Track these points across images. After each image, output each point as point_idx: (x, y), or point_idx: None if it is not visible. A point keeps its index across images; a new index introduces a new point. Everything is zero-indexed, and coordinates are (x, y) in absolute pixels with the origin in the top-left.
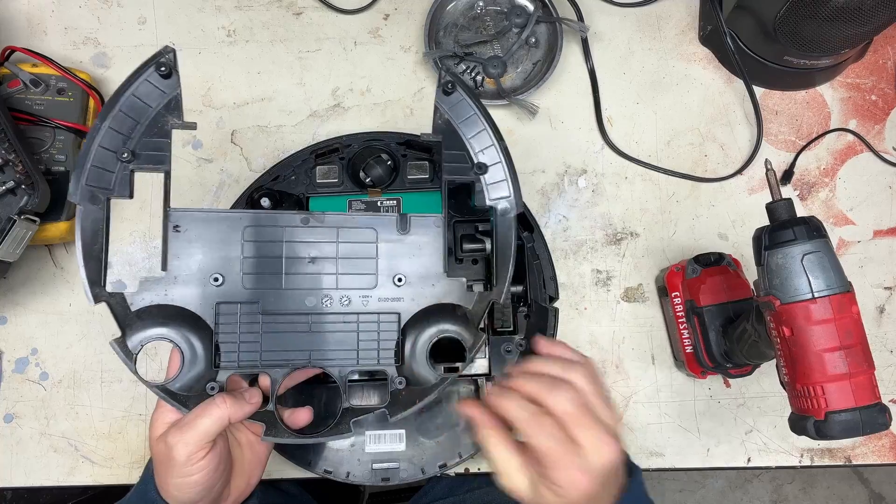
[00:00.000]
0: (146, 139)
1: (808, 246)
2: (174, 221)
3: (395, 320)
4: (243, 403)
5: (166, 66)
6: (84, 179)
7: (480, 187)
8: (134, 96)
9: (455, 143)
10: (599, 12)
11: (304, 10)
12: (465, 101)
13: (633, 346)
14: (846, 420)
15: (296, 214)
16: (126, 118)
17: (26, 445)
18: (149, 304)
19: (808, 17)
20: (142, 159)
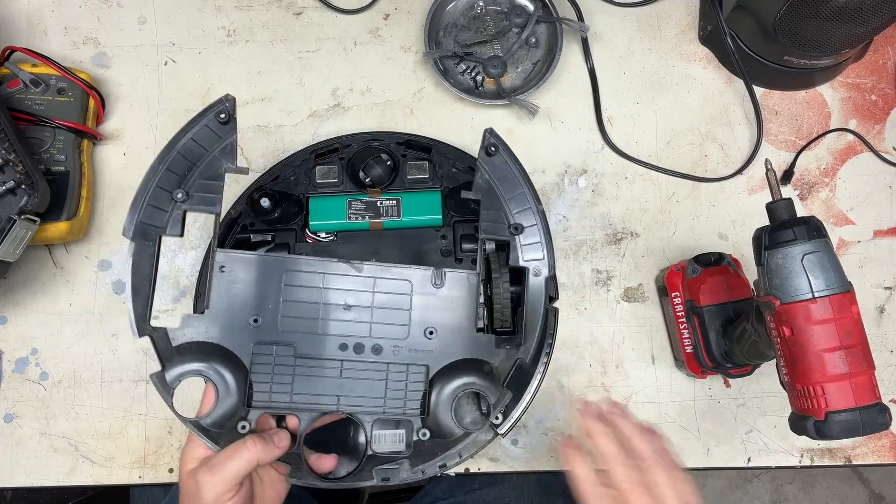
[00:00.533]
0: (200, 181)
1: (808, 246)
2: (220, 262)
3: (424, 372)
4: (272, 447)
5: (225, 113)
6: (139, 217)
7: (515, 247)
8: (192, 140)
9: (494, 203)
10: (599, 12)
11: (304, 10)
12: (507, 164)
13: (633, 346)
14: (846, 420)
15: (336, 262)
16: (183, 160)
17: (26, 445)
18: (189, 340)
19: (808, 17)
20: (194, 200)
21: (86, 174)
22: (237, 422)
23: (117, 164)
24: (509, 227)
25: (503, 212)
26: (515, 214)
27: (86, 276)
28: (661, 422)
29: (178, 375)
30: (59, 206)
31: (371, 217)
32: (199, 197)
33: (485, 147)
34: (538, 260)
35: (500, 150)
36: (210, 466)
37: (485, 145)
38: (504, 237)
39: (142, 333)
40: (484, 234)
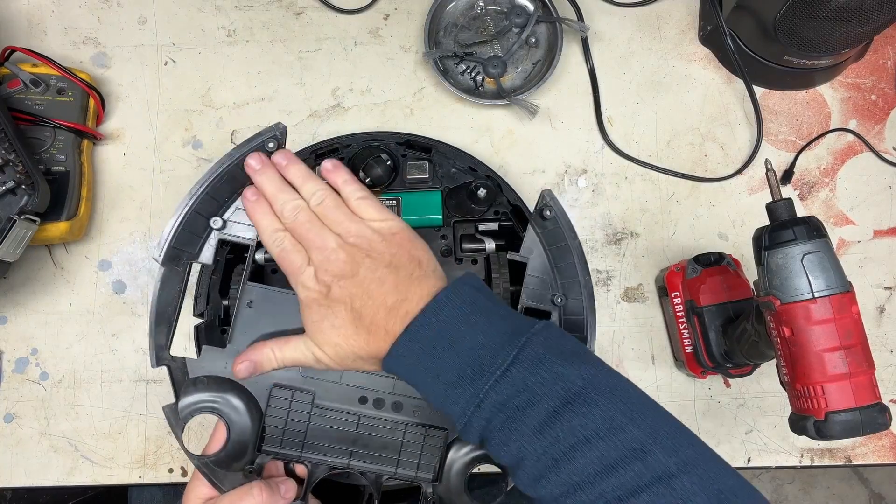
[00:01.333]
0: (239, 209)
1: (808, 246)
2: (248, 296)
3: (442, 436)
4: (277, 497)
5: (275, 142)
6: (171, 240)
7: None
8: (237, 167)
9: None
10: (599, 12)
11: (304, 10)
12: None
13: (633, 346)
14: (846, 420)
15: None
16: (225, 186)
17: (26, 445)
18: (207, 373)
19: (808, 17)
20: (231, 229)
21: (86, 174)
22: (245, 464)
23: (117, 164)
24: (553, 298)
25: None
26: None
27: (86, 276)
28: None
29: (191, 409)
30: (59, 206)
31: None
32: (236, 226)
33: (539, 209)
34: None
35: (557, 215)
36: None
37: (539, 207)
38: (546, 308)
39: (160, 363)
40: (527, 300)
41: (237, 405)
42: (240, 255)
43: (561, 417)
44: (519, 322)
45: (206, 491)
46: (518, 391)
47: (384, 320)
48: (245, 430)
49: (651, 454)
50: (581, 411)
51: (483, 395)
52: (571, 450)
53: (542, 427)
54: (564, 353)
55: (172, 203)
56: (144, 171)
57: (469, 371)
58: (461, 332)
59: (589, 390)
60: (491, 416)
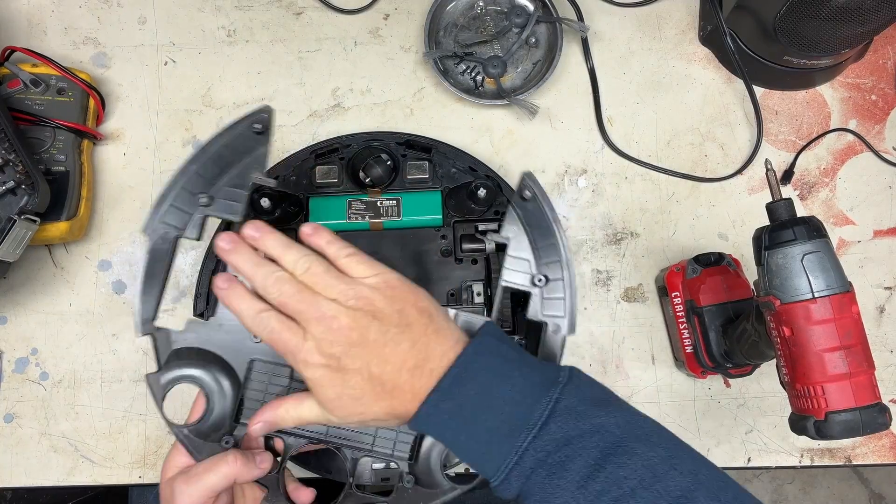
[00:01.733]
0: (226, 188)
1: (808, 246)
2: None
3: None
4: (252, 467)
5: (262, 123)
6: (162, 215)
7: (536, 300)
8: (225, 146)
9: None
10: (599, 12)
11: (304, 10)
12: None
13: (633, 346)
14: (846, 420)
15: None
16: (213, 165)
17: (26, 445)
18: (190, 345)
19: (808, 17)
20: (217, 206)
21: (86, 174)
22: (222, 435)
23: (117, 164)
24: (533, 278)
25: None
26: (543, 265)
27: (86, 276)
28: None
29: (172, 379)
30: (59, 206)
31: (371, 217)
32: (221, 203)
33: (519, 191)
34: (558, 317)
35: (537, 195)
36: (187, 476)
37: (520, 189)
38: (526, 287)
39: (145, 332)
40: (505, 281)
41: (217, 377)
42: None
43: (603, 470)
44: (546, 371)
45: (183, 461)
46: (558, 446)
47: (409, 382)
48: (224, 402)
49: (695, 501)
50: (622, 462)
51: (522, 451)
52: (617, 502)
53: (586, 481)
54: (597, 401)
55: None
56: (144, 171)
57: (505, 427)
58: (494, 388)
59: (627, 439)
60: (531, 473)
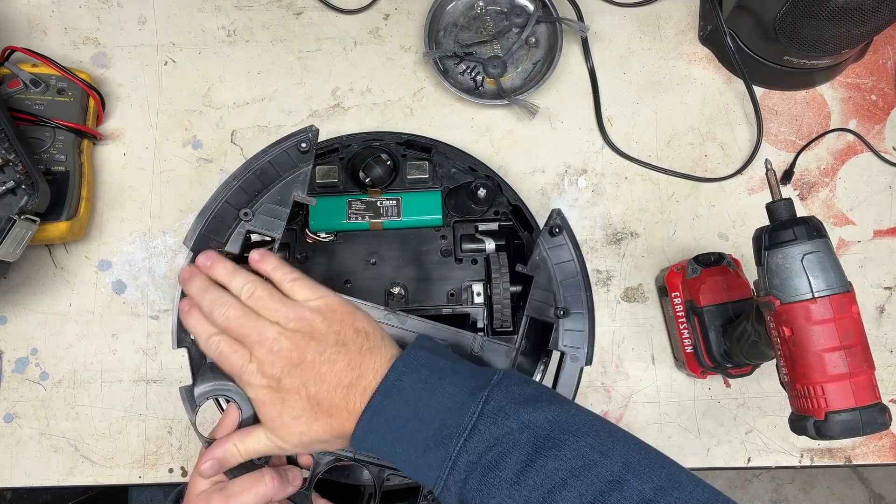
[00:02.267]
0: (267, 204)
1: (808, 246)
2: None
3: None
4: (286, 485)
5: (307, 143)
6: (204, 228)
7: (557, 330)
8: (270, 163)
9: (545, 283)
10: (599, 12)
11: (304, 10)
12: (567, 247)
13: (633, 346)
14: (846, 420)
15: (381, 310)
16: (256, 181)
17: (26, 445)
18: None
19: (808, 17)
20: (258, 221)
21: (86, 174)
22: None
23: (117, 164)
24: (556, 310)
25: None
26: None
27: (86, 276)
28: (661, 422)
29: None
30: (59, 206)
31: (371, 217)
32: (262, 219)
33: (549, 227)
34: (577, 348)
35: (565, 232)
36: (226, 495)
37: (549, 225)
38: (549, 319)
39: (181, 344)
40: (531, 311)
41: None
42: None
43: (534, 464)
44: (478, 376)
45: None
46: (489, 447)
47: (343, 400)
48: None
49: (626, 484)
50: (553, 454)
51: (455, 456)
52: (550, 494)
53: (518, 477)
54: (527, 399)
55: (173, 203)
56: (144, 171)
57: (438, 436)
58: (423, 399)
59: (556, 432)
60: (466, 477)
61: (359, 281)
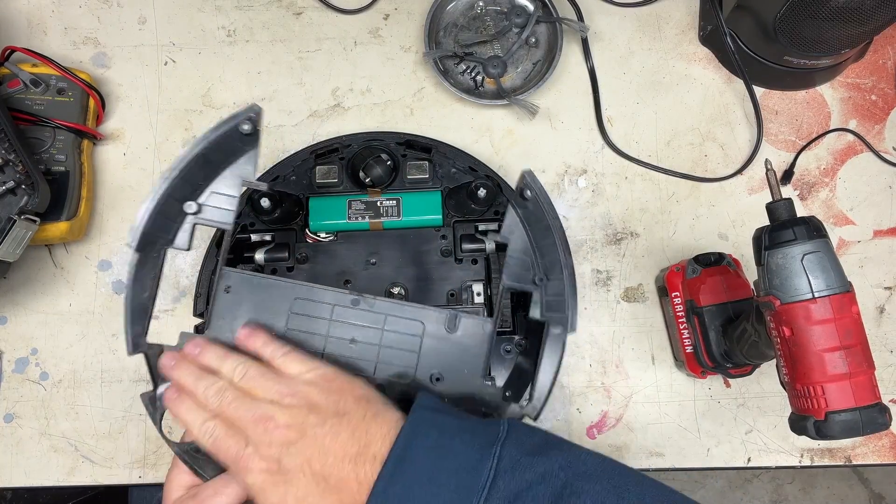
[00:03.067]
0: (215, 193)
1: (808, 246)
2: (226, 281)
3: None
4: None
5: (250, 123)
6: (144, 226)
7: (537, 299)
8: (211, 149)
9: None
10: (599, 12)
11: (304, 10)
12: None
13: (633, 346)
14: (846, 420)
15: (348, 295)
16: (199, 170)
17: (26, 445)
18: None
19: (808, 17)
20: (207, 213)
21: (86, 174)
22: None
23: (117, 164)
24: (534, 278)
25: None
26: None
27: (86, 276)
28: (661, 422)
29: None
30: (59, 206)
31: (371, 217)
32: (211, 210)
33: (519, 190)
34: (560, 316)
35: (537, 194)
36: (198, 500)
37: (520, 187)
38: (528, 287)
39: (136, 350)
40: (508, 280)
41: None
42: (240, 254)
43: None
44: (486, 430)
45: (187, 479)
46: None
47: (353, 472)
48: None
49: None
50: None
51: None
52: None
53: None
54: (538, 449)
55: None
56: (144, 171)
57: (456, 497)
58: (437, 462)
59: (573, 479)
60: None
61: (359, 281)
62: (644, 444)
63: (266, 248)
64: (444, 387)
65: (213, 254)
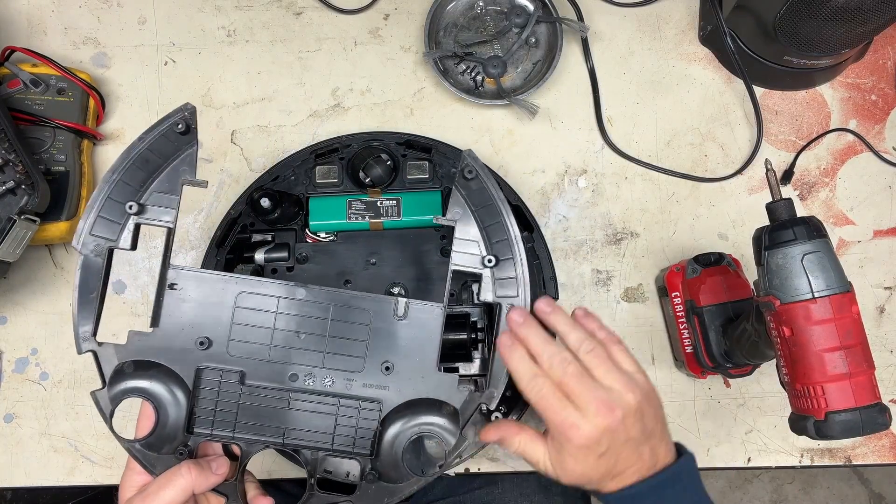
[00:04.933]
0: (156, 193)
1: (808, 246)
2: (171, 279)
3: (377, 409)
4: (209, 474)
5: (183, 123)
6: (88, 228)
7: (488, 281)
8: (149, 150)
9: (468, 231)
10: (599, 12)
11: (304, 10)
12: (487, 189)
13: (633, 346)
14: (846, 420)
15: (292, 286)
16: (138, 171)
17: (26, 445)
18: (134, 358)
19: (808, 17)
20: (148, 213)
21: (86, 174)
22: (177, 447)
23: None
24: (483, 259)
25: (477, 241)
26: (493, 245)
27: None
28: None
29: (119, 393)
30: (59, 206)
31: (371, 217)
32: (153, 210)
33: (461, 170)
34: (512, 297)
35: (479, 174)
36: (144, 496)
37: (461, 168)
38: (476, 269)
39: (85, 349)
40: (454, 264)
41: (166, 388)
42: (240, 254)
43: None
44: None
45: (139, 479)
46: None
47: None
48: (175, 413)
49: None
50: None
51: None
52: None
53: None
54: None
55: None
56: None
57: None
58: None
59: None
60: None
61: (359, 281)
62: None
63: (266, 248)
64: (396, 376)
65: (213, 254)
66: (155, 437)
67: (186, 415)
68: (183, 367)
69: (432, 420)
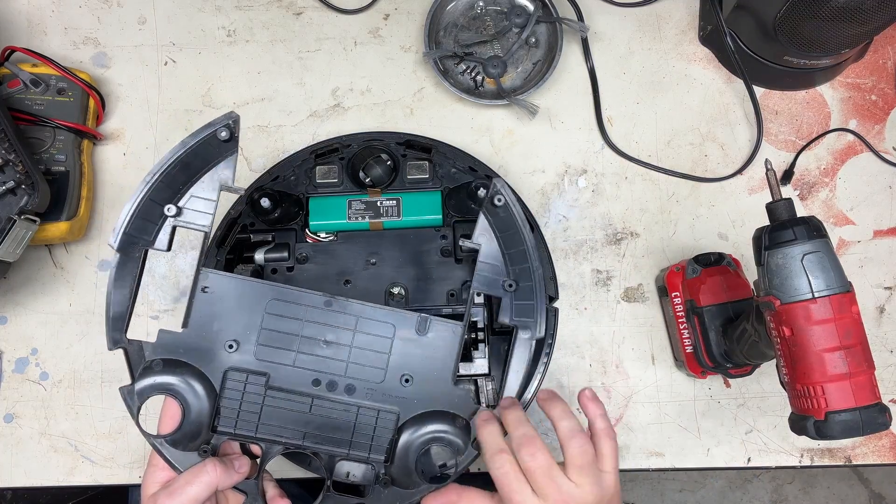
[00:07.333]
0: (194, 197)
1: (808, 246)
2: (203, 282)
3: (394, 419)
4: (232, 472)
5: (228, 131)
6: (125, 227)
7: (507, 304)
8: (191, 154)
9: (491, 255)
10: (599, 12)
11: (304, 10)
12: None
13: (633, 346)
14: (846, 420)
15: (321, 297)
16: (179, 174)
17: (26, 445)
18: (163, 356)
19: (808, 17)
20: (186, 216)
21: (86, 174)
22: (200, 444)
23: (117, 164)
24: (504, 284)
25: (500, 265)
26: (514, 271)
27: (86, 276)
28: (662, 422)
29: (147, 388)
30: (59, 206)
31: (371, 217)
32: (190, 213)
33: (490, 198)
34: (529, 321)
35: (508, 202)
36: (170, 492)
37: (490, 195)
38: (498, 293)
39: (116, 345)
40: (478, 286)
41: (193, 387)
42: (239, 254)
43: None
44: None
45: (162, 475)
46: None
47: None
48: (200, 412)
49: None
50: None
51: None
52: None
53: None
54: None
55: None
56: (144, 171)
57: None
58: None
59: None
60: None
61: (359, 281)
62: (644, 445)
63: (266, 248)
64: (414, 388)
65: (214, 254)
66: (180, 434)
67: (211, 413)
68: (210, 369)
69: (445, 433)
